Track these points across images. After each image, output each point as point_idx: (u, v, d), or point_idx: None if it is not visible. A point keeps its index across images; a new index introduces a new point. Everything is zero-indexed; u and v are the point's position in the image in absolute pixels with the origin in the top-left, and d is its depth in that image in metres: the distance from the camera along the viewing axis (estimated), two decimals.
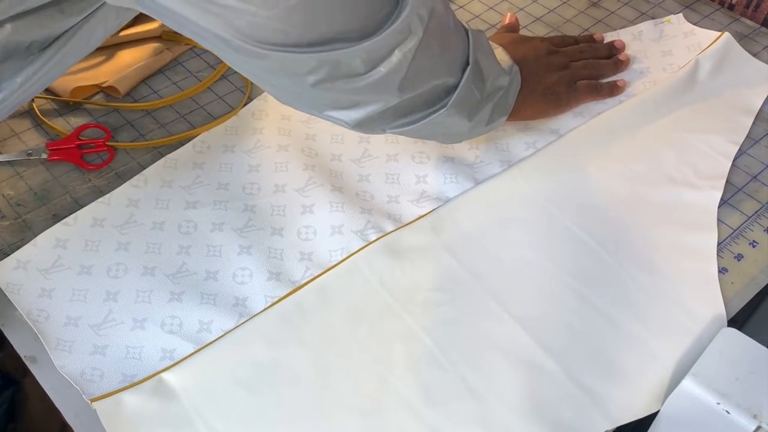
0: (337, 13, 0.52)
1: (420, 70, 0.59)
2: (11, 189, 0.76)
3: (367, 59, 0.55)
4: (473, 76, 0.64)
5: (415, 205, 0.74)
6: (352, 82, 0.56)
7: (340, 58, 0.54)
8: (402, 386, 0.62)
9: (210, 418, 0.60)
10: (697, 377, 0.58)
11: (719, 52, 0.86)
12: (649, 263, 0.70)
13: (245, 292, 0.67)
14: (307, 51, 0.52)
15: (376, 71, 0.56)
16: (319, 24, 0.52)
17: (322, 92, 0.56)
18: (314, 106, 0.60)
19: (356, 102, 0.59)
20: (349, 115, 0.60)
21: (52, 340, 0.64)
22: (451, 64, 0.62)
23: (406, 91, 0.59)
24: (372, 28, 0.54)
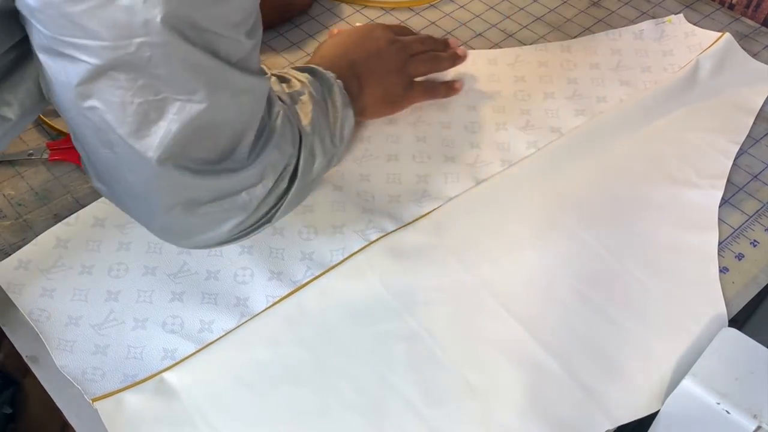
0: (201, 139, 0.52)
1: (260, 205, 0.59)
2: (12, 189, 0.76)
3: (215, 193, 0.56)
4: (302, 177, 0.63)
5: (416, 204, 0.74)
6: (193, 210, 0.56)
7: (191, 181, 0.54)
8: (403, 386, 0.62)
9: (211, 418, 0.60)
10: (697, 377, 0.58)
11: (720, 52, 0.86)
12: (650, 262, 0.70)
13: (246, 292, 0.68)
14: (163, 165, 0.52)
15: (219, 204, 0.56)
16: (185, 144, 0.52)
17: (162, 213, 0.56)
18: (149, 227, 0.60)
19: (190, 228, 0.59)
20: (180, 241, 0.60)
21: (54, 340, 0.64)
22: (280, 189, 0.62)
23: (242, 223, 0.59)
24: (230, 162, 0.55)
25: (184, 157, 0.53)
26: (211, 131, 0.53)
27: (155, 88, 0.49)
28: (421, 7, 0.96)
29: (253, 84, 0.55)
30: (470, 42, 0.92)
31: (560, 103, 0.83)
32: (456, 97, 0.83)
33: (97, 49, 0.47)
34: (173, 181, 0.53)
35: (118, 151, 0.52)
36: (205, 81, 0.50)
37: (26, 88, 0.56)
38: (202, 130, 0.52)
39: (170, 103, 0.50)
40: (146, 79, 0.48)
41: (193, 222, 0.57)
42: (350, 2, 0.96)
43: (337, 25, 0.93)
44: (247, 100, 0.55)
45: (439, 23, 0.94)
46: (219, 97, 0.51)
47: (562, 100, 0.84)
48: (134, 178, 0.54)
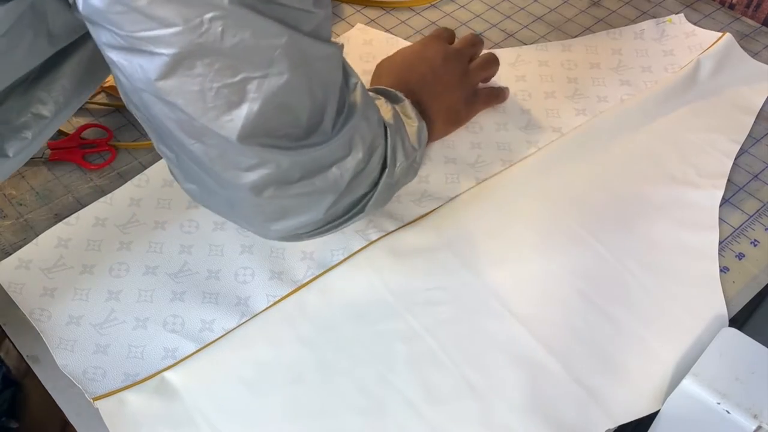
0: (284, 114, 0.52)
1: (352, 182, 0.59)
2: (13, 188, 0.76)
3: (305, 168, 0.55)
4: (389, 173, 0.63)
5: (417, 204, 0.74)
6: (286, 189, 0.55)
7: (279, 159, 0.53)
8: (403, 385, 0.62)
9: (212, 417, 0.60)
10: (697, 377, 0.58)
11: (720, 52, 0.86)
12: (651, 262, 0.70)
13: (247, 292, 0.68)
14: (249, 145, 0.51)
15: (310, 182, 0.56)
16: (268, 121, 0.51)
17: (254, 196, 0.55)
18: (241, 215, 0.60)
19: (285, 211, 0.58)
20: (276, 226, 0.59)
21: (54, 339, 0.64)
22: (373, 172, 0.61)
23: (335, 204, 0.59)
24: (317, 136, 0.54)
25: (269, 135, 0.52)
26: (292, 105, 0.52)
27: (232, 69, 0.48)
28: (422, 7, 0.96)
29: (328, 52, 0.53)
30: None
31: (561, 102, 0.83)
32: None
33: (171, 37, 0.46)
34: (261, 161, 0.53)
35: (206, 140, 0.51)
36: (280, 53, 0.49)
37: (61, 86, 0.56)
38: (284, 105, 0.51)
39: (249, 83, 0.49)
40: (222, 60, 0.48)
41: (286, 204, 0.57)
42: (350, 2, 0.96)
43: (336, 26, 0.93)
44: (324, 68, 0.54)
45: (440, 23, 0.94)
46: (295, 68, 0.50)
47: (563, 99, 0.84)
48: None
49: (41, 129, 0.57)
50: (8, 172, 0.60)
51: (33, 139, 0.57)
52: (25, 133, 0.57)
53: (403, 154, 0.65)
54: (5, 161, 0.57)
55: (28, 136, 0.57)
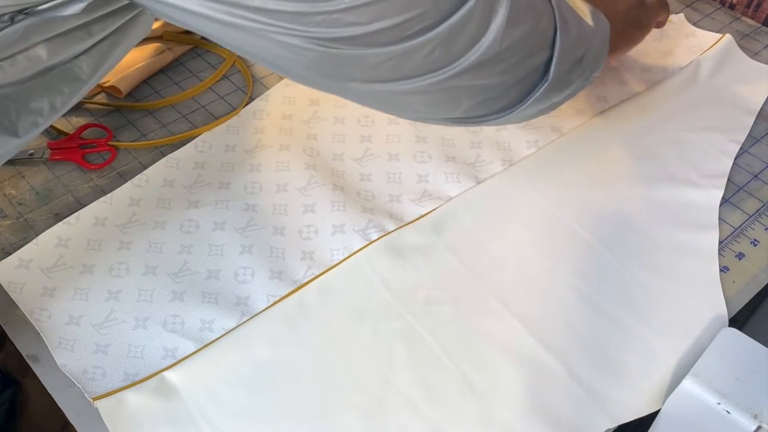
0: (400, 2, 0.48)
1: (511, 52, 0.53)
2: (13, 188, 0.76)
3: (450, 48, 0.50)
4: (563, 47, 0.58)
5: (417, 204, 0.74)
6: (438, 75, 0.51)
7: (420, 49, 0.49)
8: (404, 385, 0.62)
9: (212, 417, 0.60)
10: (697, 377, 0.58)
11: (720, 53, 0.86)
12: (651, 262, 0.70)
13: (247, 291, 0.68)
14: (379, 45, 0.48)
15: (465, 59, 0.51)
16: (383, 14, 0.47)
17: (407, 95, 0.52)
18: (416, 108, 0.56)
19: (453, 97, 0.54)
20: (453, 111, 0.56)
21: (54, 339, 0.64)
22: (541, 36, 0.56)
23: (501, 75, 0.54)
24: (446, 12, 0.49)
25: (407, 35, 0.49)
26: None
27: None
28: None
29: None
30: None
31: None
32: None
33: None
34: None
35: None
36: None
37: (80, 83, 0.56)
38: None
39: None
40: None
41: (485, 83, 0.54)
42: None
43: None
44: None
45: None
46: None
47: None
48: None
49: (50, 116, 0.57)
50: (14, 152, 0.59)
51: (41, 124, 0.57)
52: (37, 118, 0.56)
53: (574, 21, 0.60)
54: (14, 140, 0.57)
55: (39, 122, 0.57)
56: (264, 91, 0.85)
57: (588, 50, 0.62)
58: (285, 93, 0.85)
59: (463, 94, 0.55)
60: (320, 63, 0.49)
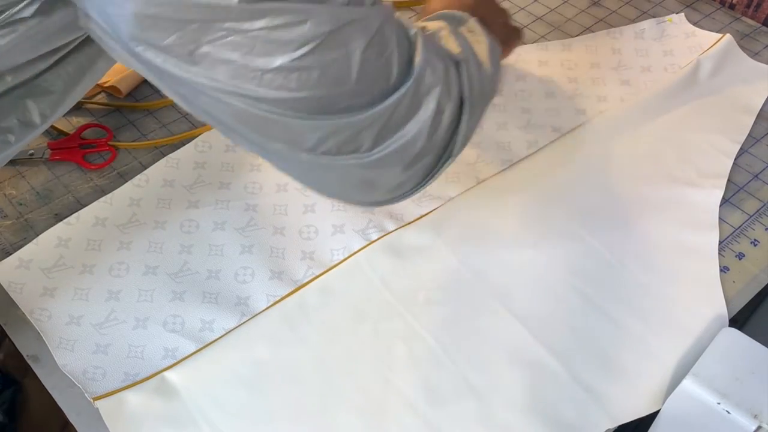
0: (345, 78, 0.50)
1: (432, 137, 0.56)
2: (13, 188, 0.76)
3: (374, 132, 0.53)
4: (469, 110, 0.60)
5: (417, 204, 0.74)
6: (362, 157, 0.53)
7: (351, 125, 0.51)
8: (404, 385, 0.62)
9: (212, 417, 0.60)
10: (697, 377, 0.58)
11: (720, 53, 0.86)
12: (651, 262, 0.70)
13: (247, 291, 0.68)
14: (316, 118, 0.50)
15: (385, 146, 0.54)
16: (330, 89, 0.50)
17: (333, 170, 0.54)
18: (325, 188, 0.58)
19: (369, 181, 0.56)
20: (367, 197, 0.58)
21: (55, 339, 0.64)
22: (451, 116, 0.58)
23: (417, 160, 0.56)
24: (376, 97, 0.52)
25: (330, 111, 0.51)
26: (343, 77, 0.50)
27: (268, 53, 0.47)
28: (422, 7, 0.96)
29: (367, 13, 0.51)
30: None
31: (560, 102, 0.83)
32: None
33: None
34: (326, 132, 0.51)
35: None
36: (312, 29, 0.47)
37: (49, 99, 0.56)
38: (336, 79, 0.50)
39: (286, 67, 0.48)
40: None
41: (366, 174, 0.55)
42: None
43: None
44: (367, 32, 0.51)
45: None
46: (335, 43, 0.49)
47: (563, 99, 0.84)
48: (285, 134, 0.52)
49: (23, 135, 0.57)
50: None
51: (14, 144, 0.57)
52: (8, 136, 0.56)
53: (479, 79, 0.61)
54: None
55: (10, 140, 0.57)
56: None
57: (486, 103, 0.64)
58: None
59: (380, 180, 0.56)
60: (248, 117, 0.50)
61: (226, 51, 0.47)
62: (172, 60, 0.47)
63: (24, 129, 0.57)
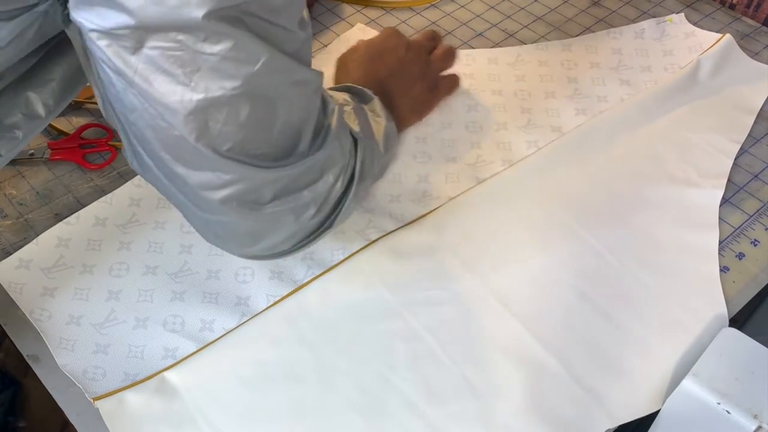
0: (269, 129, 0.52)
1: (323, 205, 0.59)
2: (13, 188, 0.76)
3: (274, 189, 0.55)
4: (357, 188, 0.63)
5: (417, 204, 0.74)
6: (258, 210, 0.55)
7: (258, 176, 0.53)
8: (404, 385, 0.62)
9: (212, 417, 0.60)
10: (697, 377, 0.58)
11: (720, 53, 0.86)
12: (651, 262, 0.70)
13: (247, 291, 0.68)
14: (228, 158, 0.51)
15: (282, 202, 0.56)
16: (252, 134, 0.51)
17: (225, 212, 0.55)
18: (212, 237, 0.60)
19: (258, 233, 0.58)
20: (250, 249, 0.60)
21: (55, 339, 0.64)
22: (341, 190, 0.61)
23: (305, 222, 0.59)
24: (279, 157, 0.54)
25: (244, 152, 0.52)
26: (268, 123, 0.52)
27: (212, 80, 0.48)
28: (422, 6, 0.96)
29: (308, 76, 0.54)
30: (471, 42, 0.92)
31: (561, 102, 0.83)
32: (456, 97, 0.83)
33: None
34: (235, 177, 0.53)
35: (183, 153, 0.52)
36: (260, 69, 0.49)
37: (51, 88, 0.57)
38: (261, 123, 0.51)
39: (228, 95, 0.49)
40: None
41: (255, 226, 0.57)
42: (351, 2, 0.96)
43: (336, 26, 0.93)
44: (303, 91, 0.54)
45: (440, 23, 0.94)
46: (274, 87, 0.51)
47: (563, 99, 0.84)
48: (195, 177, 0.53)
49: (31, 128, 0.58)
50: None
51: (23, 139, 0.58)
52: (15, 132, 0.57)
53: (371, 159, 0.65)
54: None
55: (18, 136, 0.57)
56: None
57: (374, 180, 0.68)
58: None
59: (265, 235, 0.58)
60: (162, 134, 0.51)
61: (171, 64, 0.47)
62: (114, 47, 0.47)
63: (30, 123, 0.57)
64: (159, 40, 0.46)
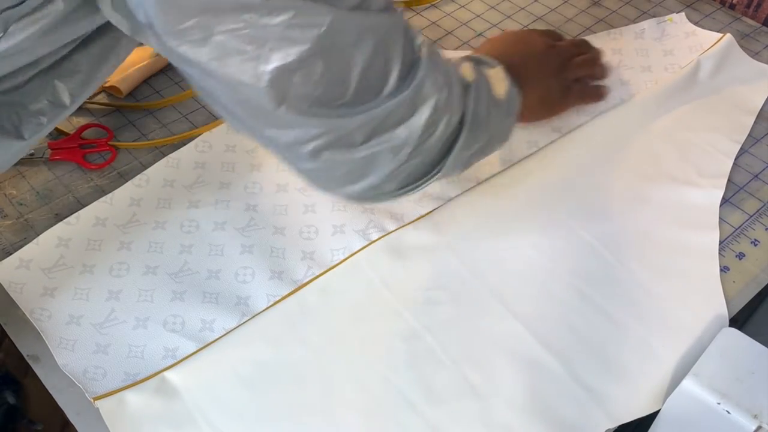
0: (347, 80, 0.52)
1: (422, 145, 0.58)
2: (14, 188, 0.76)
3: (367, 130, 0.55)
4: (468, 135, 0.62)
5: (417, 204, 0.74)
6: (349, 153, 0.56)
7: (344, 125, 0.54)
8: (404, 385, 0.62)
9: (212, 417, 0.60)
10: (697, 377, 0.58)
11: (720, 53, 0.86)
12: (651, 262, 0.70)
13: (247, 291, 0.68)
14: (311, 116, 0.52)
15: (377, 142, 0.56)
16: (330, 88, 0.52)
17: (319, 161, 0.56)
18: (311, 179, 0.60)
19: (357, 175, 0.58)
20: (351, 189, 0.59)
21: (55, 339, 0.64)
22: (451, 128, 0.60)
23: (406, 163, 0.58)
24: (372, 98, 0.54)
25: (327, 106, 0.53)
26: (345, 77, 0.52)
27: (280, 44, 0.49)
28: (422, 6, 0.96)
29: (379, 20, 0.53)
30: (471, 42, 0.92)
31: None
32: None
33: None
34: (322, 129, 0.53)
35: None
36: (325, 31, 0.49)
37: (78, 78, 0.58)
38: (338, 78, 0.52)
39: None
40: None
41: (351, 167, 0.57)
42: None
43: None
44: (377, 36, 0.53)
45: (440, 23, 0.94)
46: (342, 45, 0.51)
47: None
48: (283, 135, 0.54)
49: (55, 116, 0.59)
50: (21, 154, 0.62)
51: (46, 125, 0.59)
52: (40, 118, 0.58)
53: (486, 117, 0.63)
54: (20, 143, 0.58)
55: (43, 122, 0.59)
56: None
57: (491, 137, 0.66)
58: None
59: (366, 173, 0.58)
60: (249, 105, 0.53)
61: (241, 43, 0.48)
62: (185, 45, 0.48)
63: (55, 110, 0.59)
64: (225, 24, 0.47)
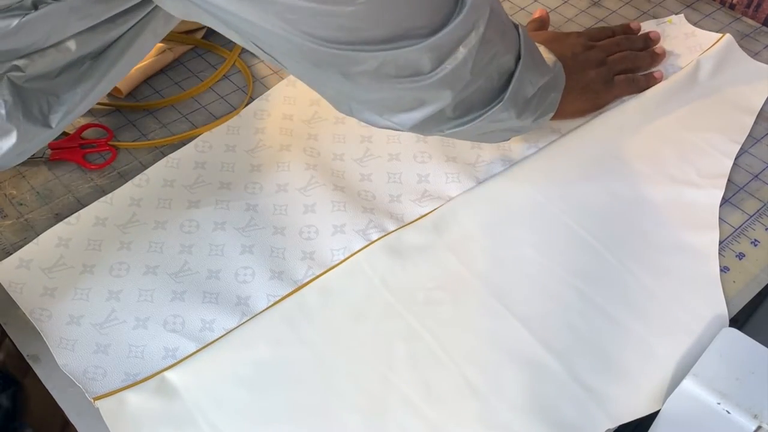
0: (403, 10, 0.53)
1: (481, 65, 0.59)
2: (13, 188, 0.76)
3: (434, 56, 0.56)
4: (525, 69, 0.64)
5: (417, 204, 0.74)
6: (417, 81, 0.56)
7: (408, 55, 0.54)
8: (404, 385, 0.62)
9: (212, 417, 0.60)
10: (697, 377, 0.58)
11: (720, 53, 0.86)
12: (651, 262, 0.70)
13: (247, 291, 0.68)
14: (373, 49, 0.53)
15: (442, 68, 0.56)
16: (387, 21, 0.52)
17: (386, 92, 0.57)
18: (375, 110, 0.60)
19: (419, 102, 0.59)
20: (409, 117, 0.60)
21: (55, 339, 0.64)
22: (507, 57, 0.62)
23: (467, 87, 0.59)
24: (437, 25, 0.55)
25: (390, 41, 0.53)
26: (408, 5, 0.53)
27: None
28: None
29: None
30: None
31: None
32: None
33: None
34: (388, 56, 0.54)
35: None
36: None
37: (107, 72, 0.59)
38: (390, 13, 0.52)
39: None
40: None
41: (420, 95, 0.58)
42: None
43: None
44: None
45: None
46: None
47: None
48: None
49: (76, 106, 0.59)
50: (46, 141, 0.62)
51: (72, 115, 0.59)
52: (69, 108, 0.59)
53: (535, 56, 0.65)
54: (47, 131, 0.59)
55: (71, 111, 0.59)
56: (264, 91, 0.85)
57: (545, 86, 0.68)
58: (285, 93, 0.85)
59: (429, 99, 0.59)
60: (306, 53, 0.53)
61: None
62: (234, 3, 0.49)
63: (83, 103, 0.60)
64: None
